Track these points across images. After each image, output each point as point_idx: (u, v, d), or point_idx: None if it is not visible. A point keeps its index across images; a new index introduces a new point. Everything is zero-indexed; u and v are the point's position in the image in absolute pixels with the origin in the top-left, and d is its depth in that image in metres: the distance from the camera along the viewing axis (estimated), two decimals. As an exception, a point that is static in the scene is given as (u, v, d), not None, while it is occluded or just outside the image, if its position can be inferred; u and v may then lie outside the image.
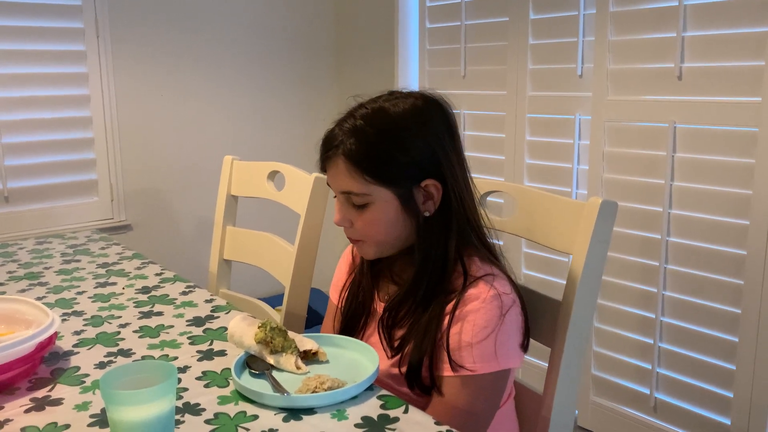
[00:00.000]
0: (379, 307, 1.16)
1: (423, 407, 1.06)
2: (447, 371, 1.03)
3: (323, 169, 1.12)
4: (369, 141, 1.05)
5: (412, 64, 2.82)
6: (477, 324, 1.02)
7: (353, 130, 1.06)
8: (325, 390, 0.94)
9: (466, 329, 1.03)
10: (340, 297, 1.25)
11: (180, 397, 0.96)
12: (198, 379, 1.03)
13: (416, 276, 1.08)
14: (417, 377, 1.05)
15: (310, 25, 3.09)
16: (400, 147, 1.05)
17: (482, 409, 1.06)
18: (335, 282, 1.30)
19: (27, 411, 0.94)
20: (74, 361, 1.10)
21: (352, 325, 1.20)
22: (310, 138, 1.18)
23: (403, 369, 1.07)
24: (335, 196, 1.13)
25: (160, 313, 1.31)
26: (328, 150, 1.08)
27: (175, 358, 1.11)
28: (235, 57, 2.89)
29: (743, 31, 1.77)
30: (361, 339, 1.17)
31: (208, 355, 1.12)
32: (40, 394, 0.99)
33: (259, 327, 1.05)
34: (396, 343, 1.10)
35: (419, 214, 1.07)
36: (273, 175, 1.68)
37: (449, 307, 1.05)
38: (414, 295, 1.08)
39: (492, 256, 1.11)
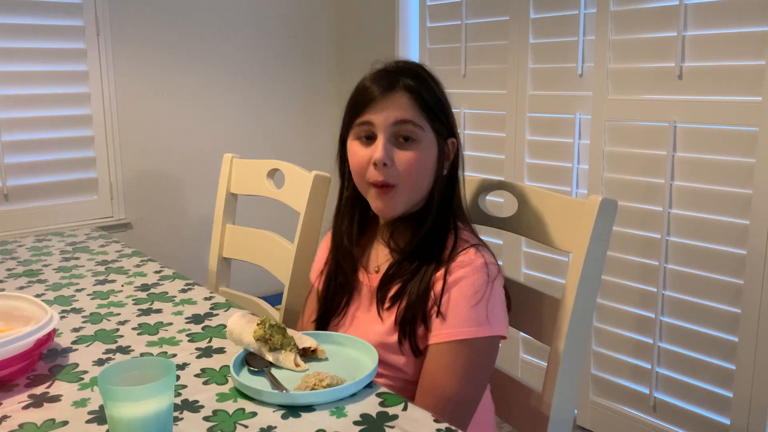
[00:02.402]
0: (370, 279, 1.16)
1: (412, 373, 1.08)
2: (441, 337, 1.04)
3: (363, 109, 1.10)
4: (423, 79, 1.10)
5: (413, 63, 2.82)
6: (469, 289, 1.05)
7: (405, 69, 1.11)
8: (324, 387, 0.94)
9: (458, 294, 1.05)
10: (318, 281, 1.25)
11: (179, 394, 0.96)
12: (197, 376, 1.02)
13: (426, 235, 1.10)
14: (411, 332, 1.06)
15: (310, 23, 3.09)
16: (442, 94, 1.12)
17: (477, 377, 1.07)
18: (315, 266, 1.29)
19: (25, 407, 0.94)
20: (73, 358, 1.10)
21: (331, 306, 1.20)
22: (309, 136, 1.18)
23: (395, 323, 1.07)
24: (361, 139, 1.11)
25: (159, 311, 1.31)
26: (380, 89, 1.09)
27: (174, 355, 1.10)
28: (236, 55, 2.89)
29: (744, 31, 1.77)
30: (346, 318, 1.17)
31: (207, 352, 1.11)
32: (39, 390, 0.99)
33: (258, 324, 1.05)
34: (388, 304, 1.10)
35: (439, 171, 1.11)
36: (273, 173, 1.68)
37: (440, 272, 1.07)
38: (414, 254, 1.10)
39: (473, 232, 1.15)
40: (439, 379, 1.05)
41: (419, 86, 1.09)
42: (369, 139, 1.11)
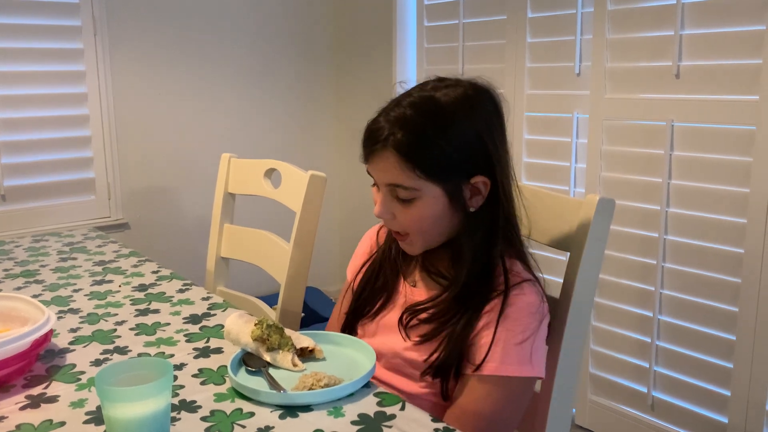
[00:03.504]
0: (407, 291, 1.13)
1: (425, 397, 1.06)
2: (479, 370, 0.99)
3: (366, 160, 1.05)
4: (418, 132, 0.99)
5: (410, 63, 2.82)
6: (518, 326, 1.00)
7: (401, 119, 1.00)
8: (322, 387, 0.94)
9: (506, 330, 1.00)
10: (356, 276, 1.22)
11: (176, 395, 0.96)
12: (194, 376, 1.02)
13: (464, 272, 1.03)
14: (445, 370, 1.02)
15: (308, 23, 3.09)
16: (450, 138, 0.99)
17: (508, 418, 1.02)
18: (354, 261, 1.26)
19: (22, 408, 0.93)
20: (70, 358, 1.10)
21: (365, 305, 1.17)
22: (307, 135, 1.18)
23: (433, 358, 1.03)
24: (373, 185, 1.08)
25: (156, 311, 1.31)
26: (375, 142, 1.01)
27: (172, 355, 1.10)
28: (233, 55, 2.89)
29: (741, 30, 1.77)
30: (376, 320, 1.15)
31: (204, 352, 1.11)
32: (36, 391, 0.98)
33: (255, 324, 1.05)
34: (425, 331, 1.06)
35: (466, 209, 1.03)
36: (270, 173, 1.68)
37: (489, 306, 1.02)
38: (457, 290, 1.04)
39: (527, 264, 1.08)
40: (468, 413, 1.00)
41: (412, 141, 0.99)
42: (377, 185, 1.07)
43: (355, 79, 3.10)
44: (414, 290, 1.13)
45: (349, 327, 1.19)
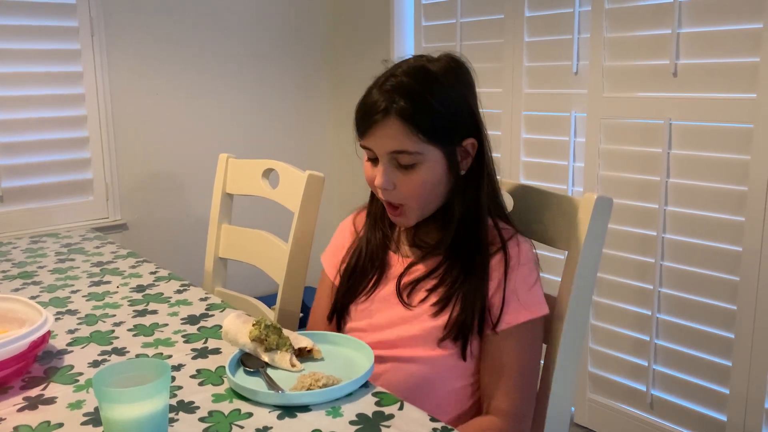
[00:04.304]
0: (402, 262, 1.16)
1: (430, 367, 1.08)
2: (507, 322, 1.05)
3: (364, 135, 1.08)
4: (418, 98, 1.04)
5: (408, 62, 2.81)
6: (526, 273, 1.08)
7: (399, 87, 1.05)
8: (320, 387, 0.94)
9: (519, 279, 1.07)
10: (340, 265, 1.23)
11: (174, 396, 0.96)
12: (192, 377, 1.02)
13: (447, 232, 1.10)
14: (466, 330, 1.06)
15: (305, 22, 3.09)
16: (446, 102, 1.06)
17: (537, 358, 1.10)
18: (332, 251, 1.28)
19: (20, 410, 0.93)
20: (68, 359, 1.09)
21: (357, 285, 1.19)
22: (304, 135, 1.18)
23: (453, 319, 1.07)
24: (369, 159, 1.11)
25: (154, 312, 1.31)
26: (375, 113, 1.05)
27: (170, 356, 1.10)
28: (230, 55, 2.89)
29: (738, 28, 1.77)
30: (371, 297, 1.17)
31: (202, 353, 1.11)
32: (34, 392, 0.98)
33: (253, 325, 1.05)
34: (436, 298, 1.10)
35: (458, 173, 1.09)
36: (268, 173, 1.67)
37: (493, 262, 1.08)
38: (449, 251, 1.10)
39: (509, 220, 1.15)
40: (505, 369, 1.06)
41: (414, 107, 1.04)
42: (374, 160, 1.10)
43: (353, 79, 3.10)
44: (407, 261, 1.16)
45: (342, 311, 1.20)
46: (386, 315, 1.14)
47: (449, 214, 1.11)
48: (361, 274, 1.19)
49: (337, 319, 1.21)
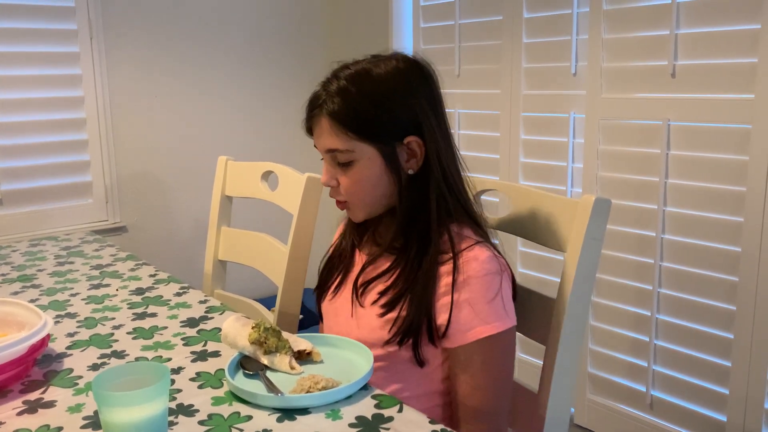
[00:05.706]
0: (361, 263, 1.18)
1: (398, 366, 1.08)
2: (469, 338, 1.03)
3: (309, 130, 1.13)
4: (352, 100, 1.07)
5: (407, 64, 2.81)
6: (484, 287, 1.04)
7: (336, 90, 1.08)
8: (320, 390, 0.94)
9: (473, 292, 1.03)
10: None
11: (173, 399, 0.96)
12: (192, 380, 1.02)
13: (398, 232, 1.10)
14: (413, 331, 1.05)
15: (303, 25, 3.09)
16: (382, 106, 1.07)
17: (509, 369, 1.09)
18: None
19: (20, 413, 0.93)
20: (67, 363, 1.09)
21: (324, 284, 1.22)
22: (303, 138, 1.17)
23: (399, 320, 1.06)
24: (321, 158, 1.14)
25: (153, 315, 1.31)
26: (313, 109, 1.10)
27: (169, 359, 1.10)
28: (229, 58, 2.89)
29: (736, 29, 1.77)
30: (337, 296, 1.18)
31: (201, 356, 1.11)
32: (33, 396, 0.98)
33: (252, 327, 1.05)
34: (385, 300, 1.09)
35: (402, 173, 1.09)
36: (267, 176, 1.68)
37: (444, 269, 1.05)
38: (400, 252, 1.10)
39: (479, 227, 1.12)
40: (478, 384, 1.05)
41: (342, 105, 1.06)
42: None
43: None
44: (365, 260, 1.17)
45: (319, 312, 1.24)
46: (345, 314, 1.16)
47: (399, 215, 1.11)
48: (328, 273, 1.23)
49: (321, 319, 1.25)
